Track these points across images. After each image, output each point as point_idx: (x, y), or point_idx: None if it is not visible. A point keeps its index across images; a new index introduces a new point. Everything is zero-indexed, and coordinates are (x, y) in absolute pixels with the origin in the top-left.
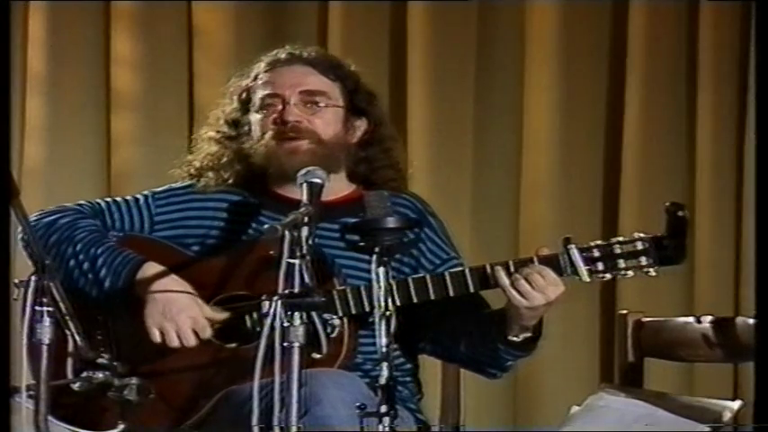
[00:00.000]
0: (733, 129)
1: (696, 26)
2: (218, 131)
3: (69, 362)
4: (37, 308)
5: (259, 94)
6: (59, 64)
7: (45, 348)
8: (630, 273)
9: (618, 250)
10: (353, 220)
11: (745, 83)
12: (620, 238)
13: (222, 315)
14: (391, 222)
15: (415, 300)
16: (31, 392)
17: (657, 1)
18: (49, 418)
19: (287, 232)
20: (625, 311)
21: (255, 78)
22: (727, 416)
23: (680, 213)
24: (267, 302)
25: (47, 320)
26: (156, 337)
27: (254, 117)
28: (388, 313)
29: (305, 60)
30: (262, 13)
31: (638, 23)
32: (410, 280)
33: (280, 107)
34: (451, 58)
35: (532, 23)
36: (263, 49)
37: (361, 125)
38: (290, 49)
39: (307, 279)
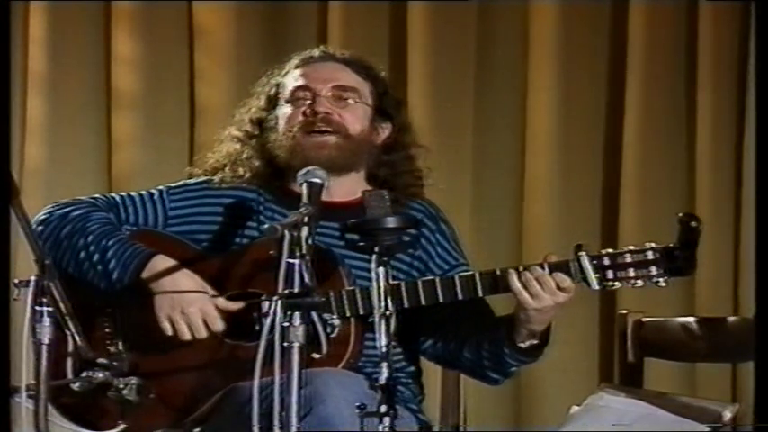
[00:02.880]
0: (733, 128)
1: (696, 26)
2: (239, 129)
3: (69, 362)
4: (37, 308)
5: (290, 87)
6: (59, 64)
7: (45, 348)
8: (640, 282)
9: (628, 259)
10: (354, 221)
11: (744, 83)
12: (632, 247)
13: (234, 305)
14: (391, 222)
15: (423, 302)
16: (31, 392)
17: (657, 1)
18: (50, 416)
19: (287, 232)
20: (625, 311)
21: (287, 74)
22: (727, 416)
23: (693, 224)
24: (267, 302)
25: (47, 320)
26: (168, 330)
27: (282, 110)
28: (387, 313)
29: (338, 59)
30: (262, 13)
31: (637, 23)
32: (419, 282)
33: (310, 101)
34: (451, 58)
35: (532, 23)
36: (263, 48)
37: (386, 128)
38: (324, 48)
39: (307, 279)
